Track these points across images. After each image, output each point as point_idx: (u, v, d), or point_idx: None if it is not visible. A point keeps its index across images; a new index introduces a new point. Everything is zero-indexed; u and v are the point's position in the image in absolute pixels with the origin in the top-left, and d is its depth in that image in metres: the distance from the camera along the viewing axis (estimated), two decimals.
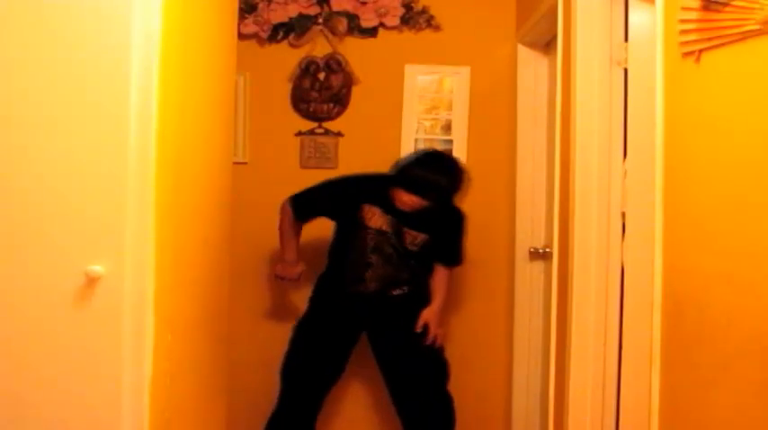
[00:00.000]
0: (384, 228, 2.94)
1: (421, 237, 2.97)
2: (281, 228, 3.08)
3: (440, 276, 3.06)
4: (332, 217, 3.07)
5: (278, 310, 3.45)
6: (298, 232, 3.09)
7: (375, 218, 2.94)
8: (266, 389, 3.41)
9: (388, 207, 2.92)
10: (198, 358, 2.22)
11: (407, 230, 2.95)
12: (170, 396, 1.88)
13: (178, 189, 1.93)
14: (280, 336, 3.34)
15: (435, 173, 2.82)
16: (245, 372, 3.32)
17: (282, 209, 3.06)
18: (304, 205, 3.05)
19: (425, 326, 2.97)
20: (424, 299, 3.03)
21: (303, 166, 3.44)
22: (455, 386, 3.05)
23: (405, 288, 3.00)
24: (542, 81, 3.30)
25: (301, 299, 3.19)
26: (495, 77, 3.43)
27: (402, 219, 2.93)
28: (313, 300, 3.10)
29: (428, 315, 2.98)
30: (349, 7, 3.44)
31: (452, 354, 3.08)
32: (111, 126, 1.69)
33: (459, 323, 3.27)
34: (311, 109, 3.47)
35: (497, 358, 3.44)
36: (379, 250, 2.96)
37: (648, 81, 1.76)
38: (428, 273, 3.06)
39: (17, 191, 1.70)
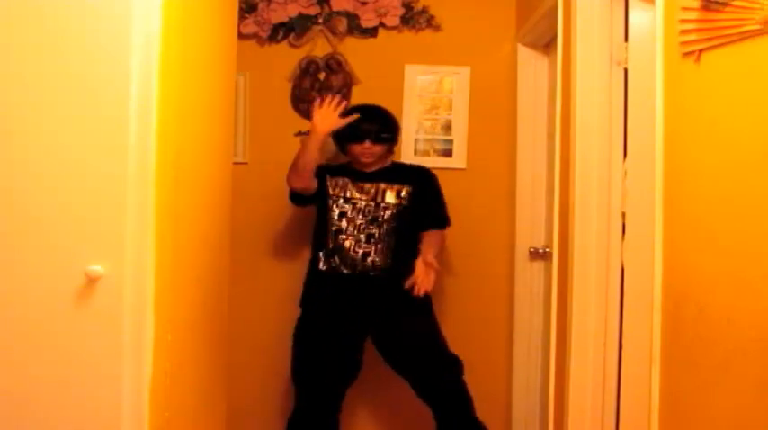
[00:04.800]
0: (350, 195, 3.01)
1: (406, 188, 3.02)
2: (291, 165, 3.04)
3: (431, 235, 3.03)
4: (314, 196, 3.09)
5: (278, 310, 3.45)
6: None
7: (339, 187, 3.03)
8: (266, 389, 3.42)
9: (355, 175, 3.04)
10: (198, 358, 2.22)
11: (390, 185, 3.02)
12: (170, 396, 1.89)
13: (178, 189, 1.93)
14: (279, 336, 3.34)
15: (363, 108, 3.06)
16: (244, 372, 3.32)
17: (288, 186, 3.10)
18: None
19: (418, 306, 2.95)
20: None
21: None
22: None
23: (386, 265, 2.97)
24: (542, 81, 3.30)
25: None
26: (495, 77, 3.43)
27: (379, 177, 3.03)
28: (304, 302, 3.08)
29: (418, 267, 2.88)
30: (349, 7, 3.44)
31: None
32: (111, 126, 1.70)
33: (460, 323, 3.27)
34: (311, 109, 3.47)
35: (497, 358, 3.44)
36: (345, 216, 2.99)
37: (648, 81, 1.76)
38: (410, 249, 3.00)
39: (17, 191, 1.71)
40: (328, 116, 2.94)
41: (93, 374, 1.71)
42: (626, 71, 2.30)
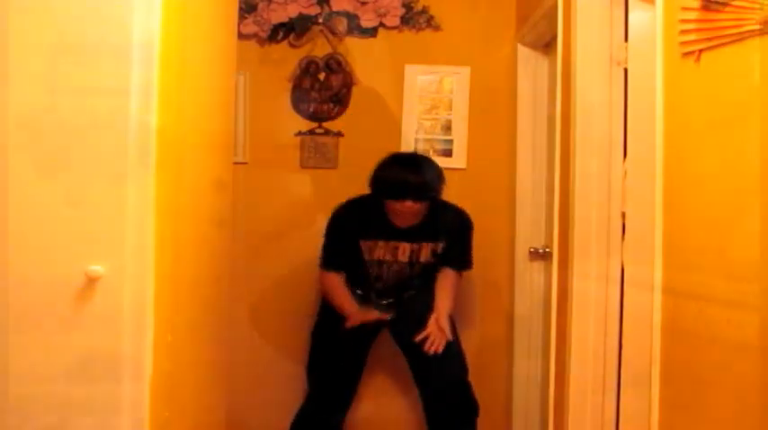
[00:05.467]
0: (385, 258, 2.96)
1: (441, 244, 2.99)
2: (328, 292, 3.04)
3: (447, 280, 3.06)
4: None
5: (278, 309, 3.45)
6: (344, 285, 3.02)
7: (374, 250, 2.96)
8: (266, 389, 3.42)
9: (389, 233, 2.92)
10: (198, 358, 2.21)
11: (426, 244, 2.96)
12: (170, 396, 1.88)
13: (178, 189, 1.93)
14: (280, 336, 3.35)
15: (407, 164, 2.88)
16: (244, 372, 3.32)
17: (320, 276, 3.04)
18: (333, 258, 3.00)
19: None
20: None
21: (303, 166, 3.45)
22: None
23: (414, 289, 3.06)
24: (542, 81, 3.30)
25: (301, 299, 3.19)
26: (495, 77, 3.43)
27: (415, 236, 2.94)
28: (325, 306, 3.11)
29: (431, 326, 2.97)
30: (349, 7, 3.44)
31: None
32: (111, 125, 1.69)
33: (460, 323, 3.26)
34: (311, 109, 3.47)
35: (497, 358, 3.44)
36: (380, 278, 3.01)
37: (648, 81, 1.76)
38: (434, 273, 3.08)
39: (17, 190, 1.70)
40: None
41: (93, 374, 1.71)
42: (626, 71, 2.30)
